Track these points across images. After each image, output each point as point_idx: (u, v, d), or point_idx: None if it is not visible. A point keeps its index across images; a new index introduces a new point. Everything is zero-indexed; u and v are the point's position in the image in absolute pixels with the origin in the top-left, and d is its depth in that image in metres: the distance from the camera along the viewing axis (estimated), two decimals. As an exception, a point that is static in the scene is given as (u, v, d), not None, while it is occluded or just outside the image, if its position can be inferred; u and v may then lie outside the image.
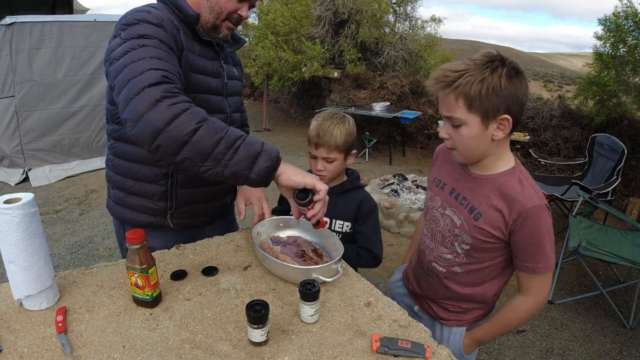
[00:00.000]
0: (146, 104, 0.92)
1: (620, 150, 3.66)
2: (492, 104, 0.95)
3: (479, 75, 0.94)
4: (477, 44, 41.86)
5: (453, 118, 1.00)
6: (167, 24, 1.12)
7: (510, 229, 1.03)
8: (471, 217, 1.08)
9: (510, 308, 1.12)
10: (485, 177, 1.08)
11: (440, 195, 1.18)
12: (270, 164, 0.98)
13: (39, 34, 4.79)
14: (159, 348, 0.88)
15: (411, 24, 8.45)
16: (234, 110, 1.43)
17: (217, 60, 1.32)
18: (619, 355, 2.38)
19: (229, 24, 1.25)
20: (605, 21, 4.33)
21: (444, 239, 1.16)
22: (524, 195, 1.01)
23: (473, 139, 1.00)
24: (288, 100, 9.75)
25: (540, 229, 1.01)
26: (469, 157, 1.07)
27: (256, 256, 1.26)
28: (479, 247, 1.09)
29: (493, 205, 1.04)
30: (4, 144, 4.86)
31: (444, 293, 1.22)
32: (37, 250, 0.96)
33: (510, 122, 0.98)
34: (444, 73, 0.98)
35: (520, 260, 1.07)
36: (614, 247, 2.71)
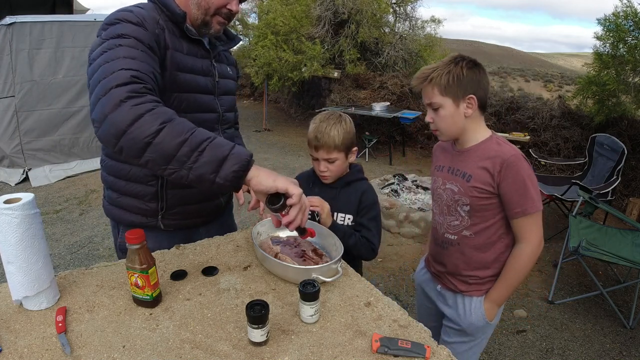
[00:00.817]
0: (111, 104, 0.91)
1: (620, 150, 3.66)
2: (458, 88, 1.23)
3: (446, 68, 1.23)
4: (477, 44, 41.87)
5: (432, 103, 1.27)
6: (150, 23, 1.10)
7: (497, 180, 1.23)
8: (464, 180, 1.29)
9: (513, 259, 1.29)
10: (470, 148, 1.31)
11: (440, 176, 1.40)
12: (238, 168, 0.94)
13: (39, 34, 4.79)
14: (159, 348, 0.88)
15: (411, 24, 8.46)
16: (227, 110, 1.41)
17: (208, 59, 1.30)
18: (619, 355, 2.38)
19: (219, 19, 1.23)
20: (605, 21, 4.33)
21: (449, 209, 1.35)
22: (502, 150, 1.24)
23: (450, 116, 1.26)
24: (288, 100, 9.75)
25: (521, 173, 1.20)
26: (450, 133, 1.30)
27: (256, 256, 1.26)
28: (477, 204, 1.28)
29: (479, 165, 1.26)
30: (4, 144, 4.86)
31: (461, 261, 1.36)
32: (37, 252, 0.96)
33: (475, 100, 1.24)
34: (422, 72, 1.28)
35: (512, 209, 1.24)
36: (614, 247, 2.71)
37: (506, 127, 5.87)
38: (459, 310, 1.39)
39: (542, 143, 5.51)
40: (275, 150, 6.61)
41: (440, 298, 1.48)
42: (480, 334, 1.38)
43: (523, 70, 30.36)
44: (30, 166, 4.91)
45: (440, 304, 1.48)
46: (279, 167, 5.59)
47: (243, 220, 3.92)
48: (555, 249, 3.53)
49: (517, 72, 27.93)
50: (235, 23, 11.00)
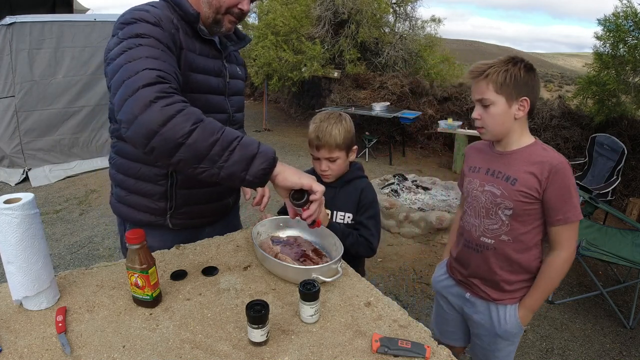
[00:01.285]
0: (140, 105, 0.91)
1: (620, 150, 3.66)
2: (514, 88, 1.21)
3: (504, 67, 1.21)
4: (477, 44, 41.85)
5: (484, 99, 1.24)
6: (166, 23, 1.11)
7: (543, 186, 1.22)
8: (508, 184, 1.27)
9: (548, 266, 1.29)
10: (514, 151, 1.29)
11: (477, 177, 1.37)
12: (266, 165, 0.98)
13: (39, 34, 4.79)
14: (159, 348, 0.88)
15: (411, 24, 8.46)
16: (237, 110, 1.41)
17: (219, 59, 1.30)
18: (619, 355, 2.38)
19: (230, 17, 1.23)
20: (605, 21, 4.33)
21: (488, 212, 1.32)
22: (550, 156, 1.23)
23: (500, 115, 1.24)
24: (288, 100, 9.75)
25: (568, 181, 1.21)
26: (496, 133, 1.28)
27: (256, 256, 1.26)
28: (520, 209, 1.26)
29: (525, 170, 1.24)
30: (4, 144, 4.86)
31: (495, 266, 1.33)
32: (36, 252, 0.96)
33: (528, 103, 1.23)
34: (477, 66, 1.26)
35: (554, 215, 1.24)
36: (614, 247, 2.71)
37: (506, 127, 5.87)
38: (494, 319, 1.37)
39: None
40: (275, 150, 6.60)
41: (468, 305, 1.45)
42: (515, 338, 1.40)
43: (523, 70, 30.19)
44: (30, 166, 4.91)
45: (470, 311, 1.45)
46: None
47: (243, 220, 3.90)
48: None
49: (517, 72, 27.77)
50: (235, 23, 10.98)
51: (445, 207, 3.88)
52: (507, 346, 1.40)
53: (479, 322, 1.42)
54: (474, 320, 1.44)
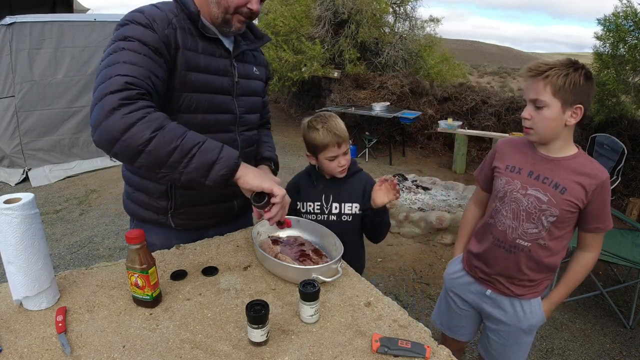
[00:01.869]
0: (104, 112, 0.95)
1: (620, 150, 3.66)
2: (571, 95, 1.19)
3: (564, 70, 1.19)
4: (477, 44, 41.84)
5: (539, 100, 1.21)
6: (160, 24, 1.10)
7: (589, 198, 1.25)
8: (557, 192, 1.27)
9: (578, 265, 1.37)
10: (562, 159, 1.28)
11: (518, 179, 1.34)
12: (226, 172, 1.01)
13: (39, 34, 4.79)
14: (159, 348, 0.88)
15: (411, 24, 8.46)
16: (247, 112, 1.36)
17: (227, 58, 1.27)
18: (619, 355, 2.38)
19: (239, 17, 1.22)
20: (605, 21, 4.33)
21: (529, 216, 1.32)
22: (598, 170, 1.25)
23: (552, 120, 1.22)
24: (288, 100, 9.75)
25: (608, 195, 1.27)
26: (545, 136, 1.27)
27: (256, 256, 1.26)
28: (564, 217, 1.28)
29: (574, 179, 1.25)
30: (4, 144, 4.86)
31: (526, 267, 1.36)
32: (37, 252, 0.96)
33: (582, 111, 1.21)
34: (537, 65, 1.24)
35: (593, 223, 1.29)
36: (614, 247, 2.71)
37: (506, 127, 5.87)
38: (519, 314, 1.41)
39: (542, 143, 5.51)
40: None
41: (487, 301, 1.47)
42: (535, 330, 1.46)
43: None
44: (30, 166, 4.91)
45: (488, 307, 1.47)
46: (279, 167, 5.59)
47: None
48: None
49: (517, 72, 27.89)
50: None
51: (445, 207, 3.88)
52: (527, 338, 1.45)
53: (499, 318, 1.44)
54: (494, 317, 1.46)
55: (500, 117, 6.02)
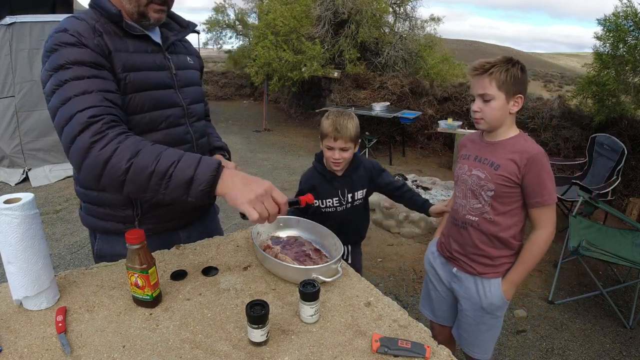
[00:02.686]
0: (80, 153, 0.98)
1: (620, 150, 3.66)
2: (512, 86, 1.37)
3: (505, 66, 1.36)
4: (477, 44, 41.84)
5: (486, 94, 1.39)
6: (87, 35, 1.08)
7: (522, 172, 1.38)
8: (492, 169, 1.43)
9: (530, 243, 1.45)
10: (500, 141, 1.46)
11: (467, 163, 1.53)
12: (204, 187, 0.98)
13: (39, 34, 4.79)
14: (159, 348, 0.88)
15: (411, 24, 8.45)
16: (192, 102, 1.34)
17: (160, 53, 1.25)
18: (619, 355, 2.38)
19: (154, 6, 1.18)
20: (605, 21, 4.33)
21: (474, 193, 1.48)
22: (529, 146, 1.39)
23: (499, 109, 1.40)
24: (288, 100, 9.75)
25: (543, 169, 1.37)
26: (493, 124, 1.43)
27: (256, 256, 1.26)
28: (501, 191, 1.42)
29: (507, 157, 1.40)
30: (4, 144, 4.86)
31: (479, 240, 1.49)
32: (37, 252, 0.96)
33: (522, 100, 1.40)
34: (482, 63, 1.40)
35: (532, 198, 1.40)
36: (614, 247, 2.71)
37: (506, 127, 5.87)
38: (480, 292, 1.52)
39: (542, 143, 5.50)
40: (275, 150, 6.61)
41: (456, 280, 1.60)
42: (499, 312, 1.53)
43: (523, 70, 30.12)
44: (30, 166, 4.91)
45: (457, 286, 1.60)
46: (279, 167, 5.60)
47: (243, 220, 3.91)
48: (555, 249, 3.53)
49: (517, 72, 27.71)
50: (236, 23, 11.00)
51: (445, 207, 3.88)
52: (491, 319, 1.54)
53: (465, 296, 1.57)
54: (461, 295, 1.58)
55: (500, 117, 6.01)
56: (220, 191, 1.00)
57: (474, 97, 1.45)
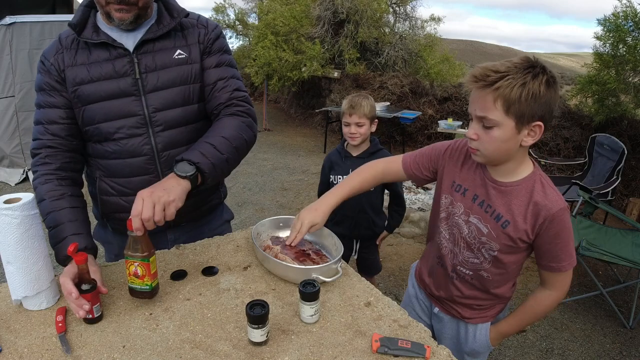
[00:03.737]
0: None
1: (620, 150, 3.66)
2: (529, 110, 0.95)
3: (521, 79, 0.93)
4: (477, 43, 41.83)
5: (487, 119, 0.98)
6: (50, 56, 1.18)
7: (536, 231, 1.06)
8: (499, 225, 1.08)
9: (536, 302, 1.18)
10: (510, 184, 1.07)
11: (462, 202, 1.16)
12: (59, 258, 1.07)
13: (39, 34, 4.79)
14: (159, 348, 0.88)
15: (411, 24, 8.45)
16: (162, 108, 1.20)
17: (126, 56, 1.16)
18: (619, 355, 2.38)
19: (114, 6, 1.10)
20: (604, 21, 4.33)
21: (470, 245, 1.16)
22: (548, 199, 1.03)
23: (504, 142, 0.99)
24: (288, 100, 9.75)
25: (564, 230, 1.05)
26: (494, 160, 1.06)
27: (256, 256, 1.26)
28: (506, 252, 1.12)
29: (520, 211, 1.06)
30: (4, 144, 4.85)
31: (470, 293, 1.22)
32: (36, 252, 0.96)
33: (542, 129, 0.98)
34: (486, 72, 0.96)
35: (545, 260, 1.10)
36: (614, 247, 2.71)
37: (506, 127, 5.87)
38: (462, 336, 1.28)
39: (542, 143, 5.50)
40: (275, 150, 6.60)
41: (437, 320, 1.34)
42: (481, 357, 1.33)
43: (523, 70, 30.13)
44: (30, 166, 4.91)
45: (438, 326, 1.34)
46: (279, 167, 5.59)
47: (243, 220, 3.92)
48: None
49: (517, 72, 27.71)
50: (236, 23, 11.00)
51: (445, 207, 3.88)
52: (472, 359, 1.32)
53: (446, 337, 1.32)
54: (443, 336, 1.33)
55: (500, 117, 6.01)
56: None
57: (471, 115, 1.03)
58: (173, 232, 1.37)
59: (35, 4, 6.37)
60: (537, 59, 0.98)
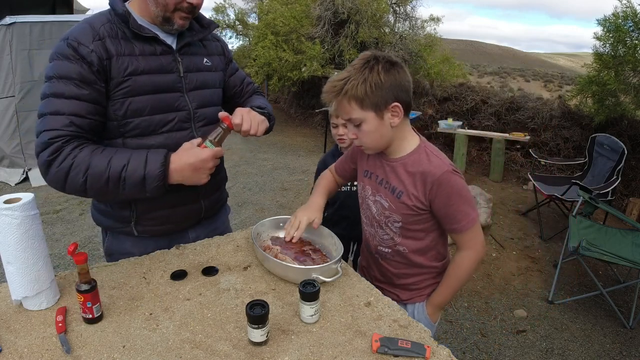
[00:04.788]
0: (42, 169, 1.08)
1: (620, 150, 3.66)
2: (379, 98, 1.08)
3: (361, 77, 1.07)
4: (477, 43, 41.84)
5: (352, 119, 1.12)
6: (85, 44, 1.09)
7: (428, 198, 1.15)
8: (394, 196, 1.20)
9: (455, 265, 1.24)
10: (398, 160, 1.20)
11: (369, 184, 1.29)
12: (157, 182, 1.09)
13: (39, 34, 4.79)
14: (159, 348, 0.88)
15: (411, 24, 8.46)
16: (201, 105, 1.31)
17: (169, 54, 1.22)
18: (619, 355, 2.38)
19: (181, 14, 1.18)
20: (604, 22, 4.33)
21: (379, 223, 1.27)
22: (433, 166, 1.14)
23: (374, 131, 1.13)
24: (288, 100, 9.75)
25: (453, 191, 1.13)
26: (378, 147, 1.20)
27: (256, 256, 1.26)
28: (409, 221, 1.21)
29: (409, 181, 1.17)
30: (4, 144, 4.86)
31: (398, 270, 1.30)
32: (36, 253, 0.96)
33: (400, 107, 1.11)
34: (332, 84, 1.12)
35: (447, 224, 1.19)
36: (614, 247, 2.71)
37: (506, 127, 5.87)
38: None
39: (542, 143, 5.50)
40: (275, 150, 6.60)
41: None
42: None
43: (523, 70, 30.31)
44: (30, 166, 4.91)
45: None
46: (279, 167, 5.59)
47: (243, 220, 3.92)
48: (555, 249, 3.53)
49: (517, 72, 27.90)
50: (235, 23, 11.00)
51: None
52: None
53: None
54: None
55: (500, 117, 6.01)
56: (175, 180, 1.13)
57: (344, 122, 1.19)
58: (194, 230, 1.41)
59: (35, 4, 6.38)
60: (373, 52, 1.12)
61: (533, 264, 3.34)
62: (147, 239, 1.31)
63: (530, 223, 4.07)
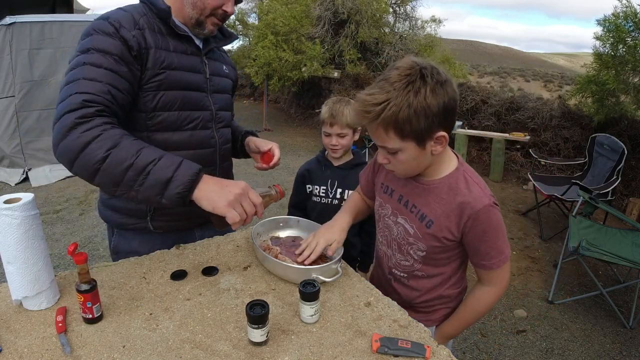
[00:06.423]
0: (62, 132, 0.95)
1: (620, 150, 3.66)
2: (424, 126, 0.92)
3: (404, 101, 0.89)
4: (477, 43, 41.84)
5: (387, 148, 0.98)
6: (126, 28, 1.09)
7: (462, 230, 1.04)
8: (423, 224, 1.07)
9: (475, 299, 1.15)
10: (432, 183, 1.06)
11: (389, 203, 1.16)
12: (181, 189, 0.96)
13: (39, 34, 4.79)
14: (159, 348, 0.88)
15: (411, 24, 8.46)
16: (222, 108, 1.36)
17: (198, 56, 1.27)
18: (619, 355, 2.38)
19: (214, 19, 1.22)
20: (604, 22, 4.33)
21: (400, 247, 1.16)
22: (472, 197, 1.01)
23: (412, 160, 0.99)
24: (288, 100, 9.76)
25: (490, 227, 1.02)
26: (412, 174, 1.08)
27: (256, 256, 1.26)
28: (434, 251, 1.10)
29: (443, 210, 1.04)
30: (4, 144, 4.86)
31: (410, 293, 1.21)
32: (36, 253, 0.96)
33: (447, 137, 0.97)
34: (366, 106, 0.93)
35: (476, 258, 1.09)
36: (614, 247, 2.71)
37: (506, 127, 5.87)
38: None
39: (542, 143, 5.50)
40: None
41: None
42: None
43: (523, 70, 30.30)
44: (30, 166, 4.91)
45: None
46: (279, 167, 5.59)
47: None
48: (555, 249, 3.53)
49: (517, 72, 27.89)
50: (235, 23, 11.00)
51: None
52: None
53: None
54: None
55: (500, 117, 6.02)
56: (197, 195, 0.99)
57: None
58: (201, 228, 1.41)
59: (35, 4, 6.38)
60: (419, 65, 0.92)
61: (533, 264, 3.34)
62: (156, 236, 1.32)
63: (530, 223, 4.07)
